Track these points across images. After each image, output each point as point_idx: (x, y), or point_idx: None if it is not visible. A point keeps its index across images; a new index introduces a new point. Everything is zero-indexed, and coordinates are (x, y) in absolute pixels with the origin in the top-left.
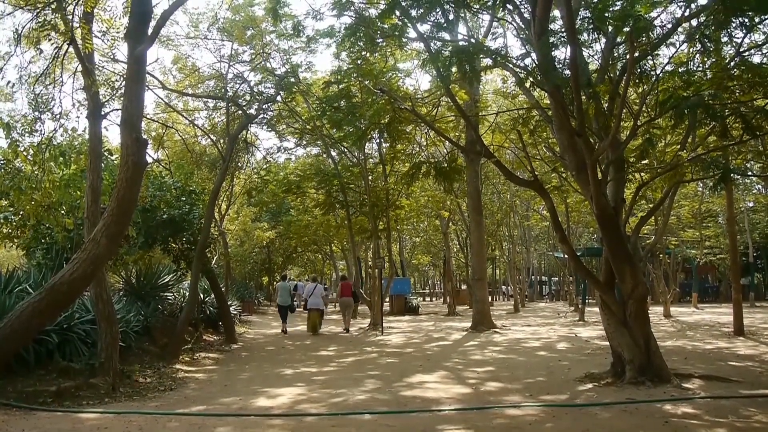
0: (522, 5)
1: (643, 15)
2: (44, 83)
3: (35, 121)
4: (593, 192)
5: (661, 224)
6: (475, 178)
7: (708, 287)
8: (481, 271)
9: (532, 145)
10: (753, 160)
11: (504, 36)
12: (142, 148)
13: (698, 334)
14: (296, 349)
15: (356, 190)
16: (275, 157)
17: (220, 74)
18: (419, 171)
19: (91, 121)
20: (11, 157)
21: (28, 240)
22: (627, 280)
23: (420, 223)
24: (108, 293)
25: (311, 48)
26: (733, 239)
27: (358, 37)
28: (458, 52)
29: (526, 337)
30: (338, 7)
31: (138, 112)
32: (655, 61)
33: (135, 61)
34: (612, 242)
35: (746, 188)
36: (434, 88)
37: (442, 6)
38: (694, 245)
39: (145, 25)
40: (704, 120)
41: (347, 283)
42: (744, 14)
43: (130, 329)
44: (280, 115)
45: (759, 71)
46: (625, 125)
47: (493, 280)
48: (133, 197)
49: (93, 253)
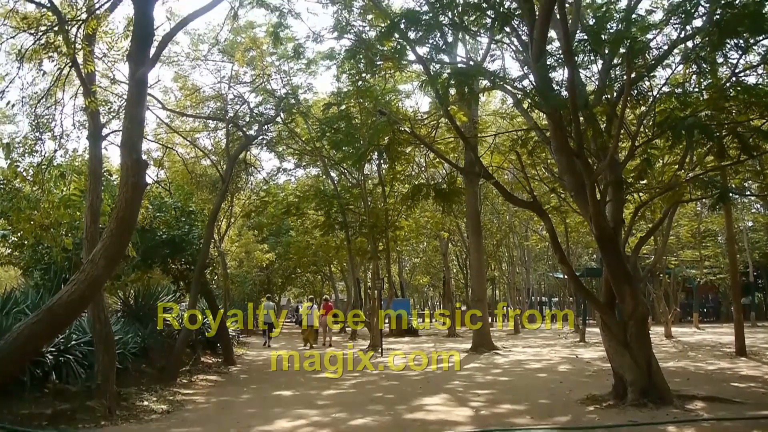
0: (520, 28)
1: (639, 37)
2: (45, 104)
3: (35, 142)
4: (592, 212)
5: (661, 244)
6: (474, 199)
7: (709, 307)
8: (481, 291)
9: (531, 165)
10: (751, 180)
11: (502, 58)
12: (142, 170)
13: (700, 354)
14: (296, 371)
15: (356, 211)
16: (275, 179)
17: (221, 95)
18: (419, 193)
19: (92, 142)
20: (11, 178)
21: (26, 260)
22: (627, 301)
23: (419, 243)
24: (106, 314)
25: (311, 70)
26: (732, 259)
27: (357, 59)
28: (457, 74)
29: (528, 358)
30: (338, 30)
31: (138, 134)
32: (652, 82)
33: (136, 83)
34: (612, 262)
35: (745, 207)
36: (433, 110)
37: (441, 29)
38: (693, 265)
39: (146, 47)
40: (701, 140)
41: (329, 304)
42: (738, 36)
43: (127, 351)
44: (280, 136)
45: (754, 92)
46: (623, 146)
47: (493, 301)
48: (133, 218)
49: (91, 275)
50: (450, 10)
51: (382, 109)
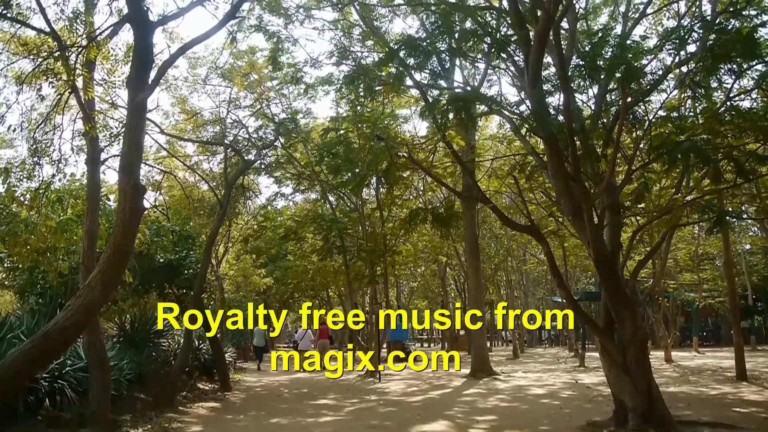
0: (516, 54)
1: (634, 63)
2: (44, 129)
3: (34, 167)
4: (590, 237)
5: (659, 268)
6: (472, 223)
7: (708, 331)
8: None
9: (529, 190)
10: (747, 203)
11: (499, 83)
12: (140, 195)
13: (701, 379)
14: (293, 398)
15: (354, 235)
16: (274, 203)
17: (220, 119)
18: (417, 218)
19: (90, 167)
20: (8, 202)
21: (22, 284)
22: (626, 325)
23: (417, 268)
24: (101, 340)
25: (311, 95)
26: (731, 282)
27: (356, 84)
28: (454, 100)
29: (528, 384)
30: (338, 55)
31: (137, 160)
32: (647, 107)
33: (135, 108)
34: (610, 287)
35: (742, 231)
36: (431, 134)
37: (438, 55)
38: (692, 288)
39: (145, 73)
40: (698, 164)
41: (325, 328)
42: (732, 61)
43: (122, 377)
44: (278, 161)
45: (749, 116)
46: (619, 170)
47: (491, 325)
48: (130, 243)
49: (87, 300)
50: (448, 37)
51: (379, 134)
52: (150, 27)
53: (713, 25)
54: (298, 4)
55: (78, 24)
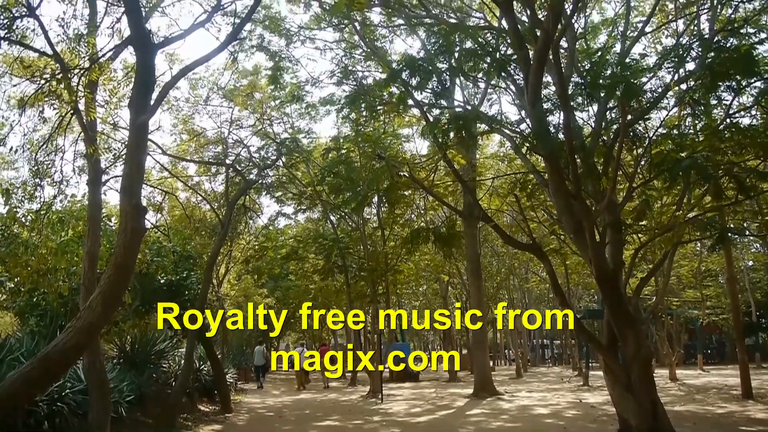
0: (515, 73)
1: (634, 81)
2: (46, 150)
3: (35, 188)
4: (592, 254)
5: (662, 285)
6: (474, 241)
7: (713, 348)
8: (482, 334)
9: (530, 208)
10: (749, 220)
11: (499, 102)
12: (141, 216)
13: (707, 397)
14: (296, 419)
15: (355, 254)
16: (276, 223)
17: (222, 139)
18: (418, 237)
19: (91, 188)
20: (9, 223)
21: (22, 306)
22: (630, 343)
23: (419, 287)
24: (101, 361)
25: (312, 115)
26: (734, 299)
27: (358, 104)
28: (455, 119)
29: (532, 403)
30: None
31: (138, 180)
32: (647, 124)
33: (137, 130)
34: (613, 304)
35: (744, 247)
36: (432, 153)
37: (439, 75)
38: (695, 305)
39: (147, 95)
40: (698, 181)
41: (325, 347)
42: (731, 78)
43: (122, 399)
44: (280, 180)
45: (749, 133)
46: (621, 187)
47: (494, 344)
48: (131, 264)
49: (88, 322)
50: (448, 56)
51: (380, 153)
52: (152, 49)
53: (712, 43)
54: (299, 24)
55: (80, 46)
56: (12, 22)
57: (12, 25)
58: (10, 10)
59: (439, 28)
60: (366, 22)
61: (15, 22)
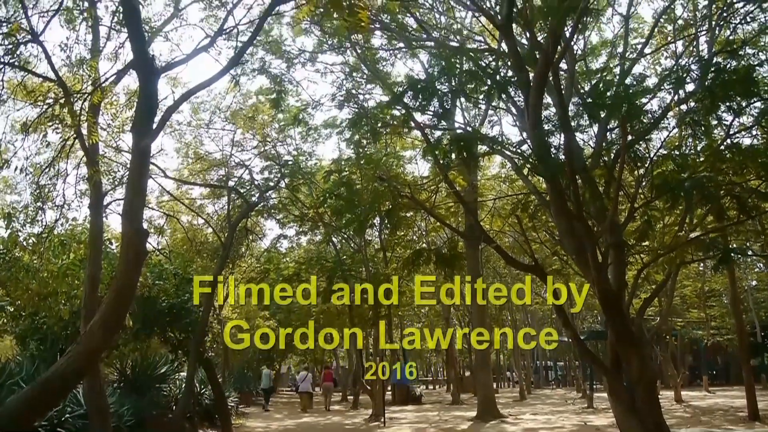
0: (516, 95)
1: (634, 101)
2: (48, 174)
3: (37, 212)
4: (594, 275)
5: (665, 305)
6: (476, 262)
7: (718, 369)
8: (485, 356)
9: (532, 228)
10: (752, 240)
11: (500, 123)
12: (143, 240)
13: (713, 419)
14: None
15: (357, 276)
16: (279, 245)
17: (224, 162)
18: (420, 258)
19: (93, 212)
20: (10, 247)
21: (22, 329)
22: (634, 365)
23: (422, 309)
24: (101, 385)
25: (314, 137)
26: (739, 319)
27: (359, 127)
28: (456, 140)
29: (537, 426)
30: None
31: (140, 204)
32: (648, 145)
33: (139, 154)
34: (616, 325)
35: (748, 267)
36: (433, 174)
37: (441, 97)
38: (700, 326)
39: (150, 119)
40: (700, 201)
41: (329, 372)
42: (731, 99)
43: (122, 423)
44: (282, 203)
45: (750, 153)
46: (622, 208)
47: (497, 366)
48: (132, 287)
49: (89, 346)
50: (449, 78)
51: (381, 175)
52: (155, 74)
53: (711, 64)
54: (300, 48)
55: (83, 70)
56: (16, 47)
57: (16, 50)
58: (14, 35)
59: (440, 51)
60: (367, 45)
61: (19, 47)
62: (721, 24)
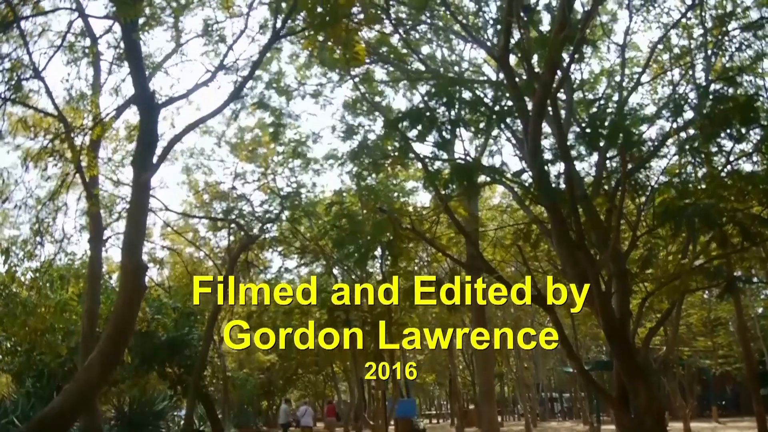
0: (515, 125)
1: (633, 130)
2: (48, 208)
3: (35, 246)
4: (598, 305)
5: (671, 334)
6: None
7: (728, 399)
8: (489, 388)
9: (534, 258)
10: (757, 267)
11: (500, 153)
12: (143, 274)
13: None
14: None
15: (358, 308)
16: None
17: (225, 194)
18: (420, 289)
19: (92, 246)
20: (7, 282)
21: (18, 366)
22: (641, 396)
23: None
24: (98, 424)
25: (315, 169)
26: (746, 347)
27: (360, 159)
28: (456, 170)
29: None
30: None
31: (140, 239)
32: (649, 173)
33: (139, 188)
34: (621, 355)
35: (754, 294)
36: (434, 205)
37: (440, 126)
38: (707, 355)
39: (150, 153)
40: (703, 228)
41: (332, 406)
42: (730, 127)
43: None
44: (282, 235)
45: (751, 179)
46: (625, 236)
47: (502, 398)
48: (131, 322)
49: (86, 383)
50: (449, 108)
51: (382, 206)
52: (155, 109)
53: (708, 92)
54: (299, 80)
55: (84, 105)
56: (18, 83)
57: (18, 86)
58: (17, 72)
59: (439, 82)
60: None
61: (21, 83)
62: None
